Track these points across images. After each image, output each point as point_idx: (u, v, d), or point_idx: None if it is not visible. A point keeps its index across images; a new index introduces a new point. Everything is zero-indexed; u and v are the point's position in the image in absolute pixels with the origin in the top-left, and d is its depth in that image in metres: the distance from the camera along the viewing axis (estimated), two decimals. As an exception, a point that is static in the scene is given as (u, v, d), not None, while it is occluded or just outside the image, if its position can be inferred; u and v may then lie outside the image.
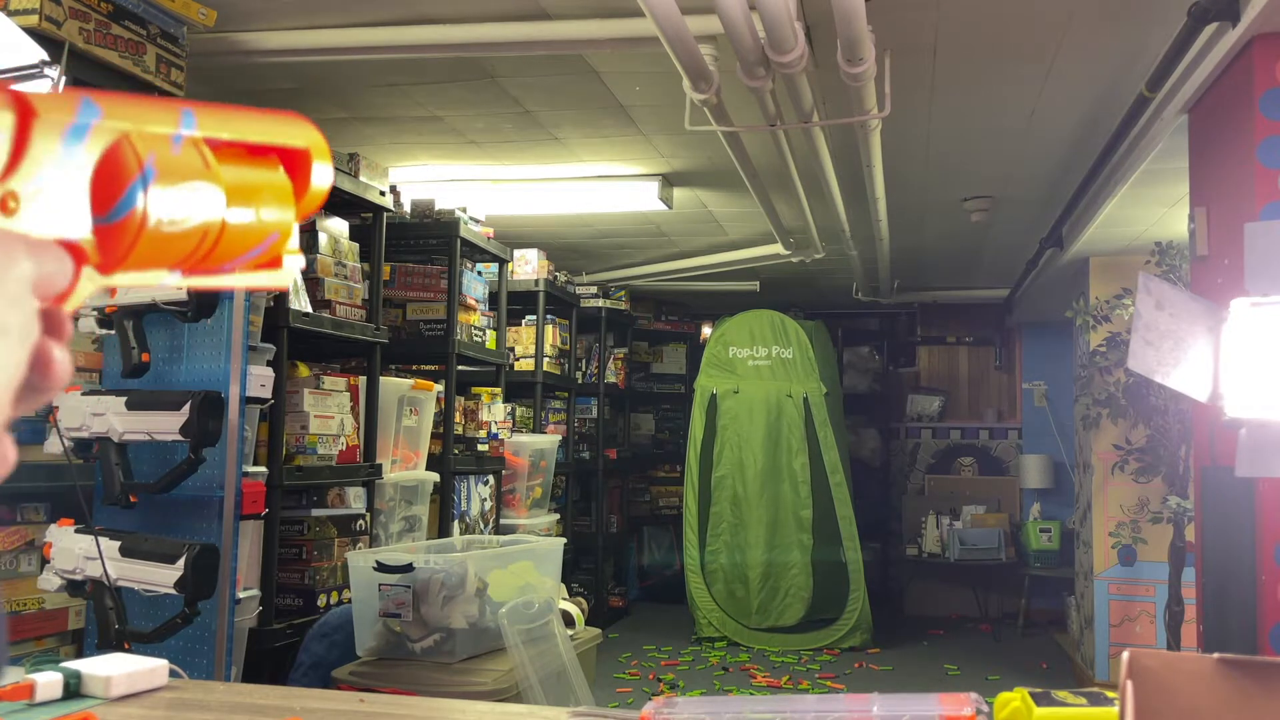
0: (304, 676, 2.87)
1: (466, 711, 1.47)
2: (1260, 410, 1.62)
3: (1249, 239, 1.78)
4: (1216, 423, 2.56)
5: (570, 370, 6.89)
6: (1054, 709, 1.10)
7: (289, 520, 3.44)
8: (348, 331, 3.60)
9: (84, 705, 1.44)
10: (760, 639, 6.64)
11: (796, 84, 3.06)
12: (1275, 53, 2.64)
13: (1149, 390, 5.21)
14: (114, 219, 0.44)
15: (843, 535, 6.63)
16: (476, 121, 4.16)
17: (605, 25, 3.05)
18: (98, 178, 0.44)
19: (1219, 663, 0.93)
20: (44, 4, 2.40)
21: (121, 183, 0.44)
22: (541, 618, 2.75)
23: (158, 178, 0.45)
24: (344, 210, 3.80)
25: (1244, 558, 2.70)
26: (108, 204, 0.44)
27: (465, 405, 4.73)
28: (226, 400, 2.69)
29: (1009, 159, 4.44)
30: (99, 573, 2.45)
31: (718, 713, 1.15)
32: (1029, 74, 3.46)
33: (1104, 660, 5.82)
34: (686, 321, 8.60)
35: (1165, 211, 4.90)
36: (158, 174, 0.45)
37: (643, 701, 2.06)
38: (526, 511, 5.45)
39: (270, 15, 3.15)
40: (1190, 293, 2.09)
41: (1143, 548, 5.81)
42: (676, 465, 8.12)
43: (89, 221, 0.44)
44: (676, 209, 5.28)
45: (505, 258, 5.12)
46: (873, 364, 8.76)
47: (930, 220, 5.62)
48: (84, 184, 0.44)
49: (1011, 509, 8.24)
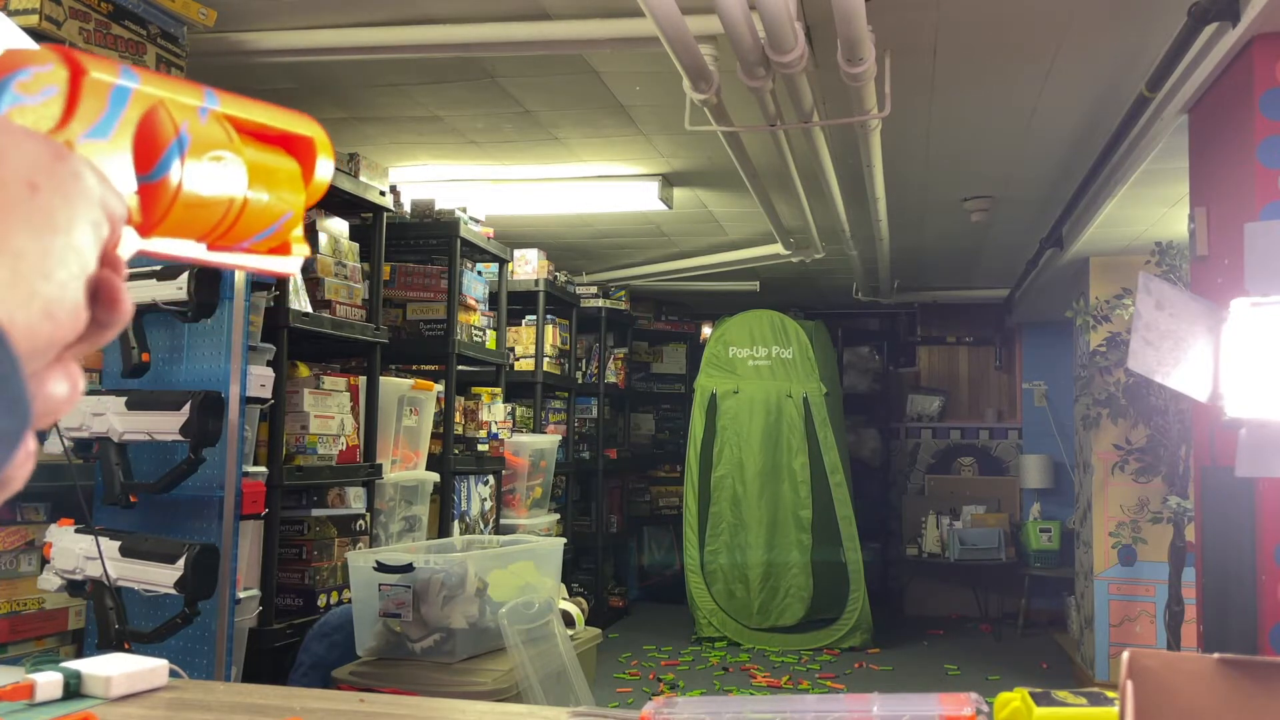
0: (304, 676, 2.87)
1: (466, 711, 1.47)
2: (1260, 410, 1.62)
3: (1249, 239, 1.78)
4: (1216, 423, 2.56)
5: (570, 370, 6.89)
6: (1054, 709, 1.10)
7: (289, 520, 3.44)
8: (348, 331, 3.60)
9: (84, 705, 1.44)
10: (760, 639, 6.64)
11: (796, 84, 3.06)
12: (1275, 53, 2.64)
13: (1149, 390, 5.21)
14: (155, 177, 0.46)
15: (843, 535, 6.63)
16: (476, 121, 4.16)
17: (605, 25, 3.05)
18: (139, 138, 0.45)
19: (1219, 663, 0.93)
20: (44, 4, 2.40)
21: (160, 144, 0.46)
22: (541, 618, 2.75)
23: (190, 144, 0.46)
24: (344, 210, 3.80)
25: (1244, 558, 2.70)
26: (149, 164, 0.46)
27: (465, 405, 4.73)
28: (226, 400, 2.69)
29: (1009, 159, 4.44)
30: (99, 573, 2.45)
31: (718, 713, 1.15)
32: (1029, 74, 3.46)
33: (1104, 660, 5.82)
34: (686, 321, 8.60)
35: (1165, 211, 4.90)
36: (190, 140, 0.46)
37: (643, 701, 2.06)
38: (526, 511, 5.45)
39: (270, 15, 3.15)
40: (1190, 293, 2.09)
41: (1143, 548, 5.81)
42: (676, 465, 8.12)
43: (133, 179, 0.46)
44: (676, 209, 5.28)
45: (505, 258, 5.12)
46: (873, 364, 8.76)
47: (930, 220, 5.62)
48: (128, 143, 0.45)
49: (1011, 509, 8.24)
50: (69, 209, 0.40)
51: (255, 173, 0.49)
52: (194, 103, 0.47)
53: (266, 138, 0.51)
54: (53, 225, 0.39)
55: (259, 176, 0.49)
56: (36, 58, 0.43)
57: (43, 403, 0.40)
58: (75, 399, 0.42)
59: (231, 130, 0.49)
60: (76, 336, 0.41)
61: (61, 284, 0.40)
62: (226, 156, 0.48)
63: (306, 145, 0.52)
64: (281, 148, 0.52)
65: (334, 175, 3.84)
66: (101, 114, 0.44)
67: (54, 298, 0.39)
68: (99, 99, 0.44)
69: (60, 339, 0.40)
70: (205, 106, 0.48)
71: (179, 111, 0.46)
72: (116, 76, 0.45)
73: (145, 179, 0.46)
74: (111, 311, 0.43)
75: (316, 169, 0.53)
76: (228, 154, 0.48)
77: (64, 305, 0.40)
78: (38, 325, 0.39)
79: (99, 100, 0.44)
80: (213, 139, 0.47)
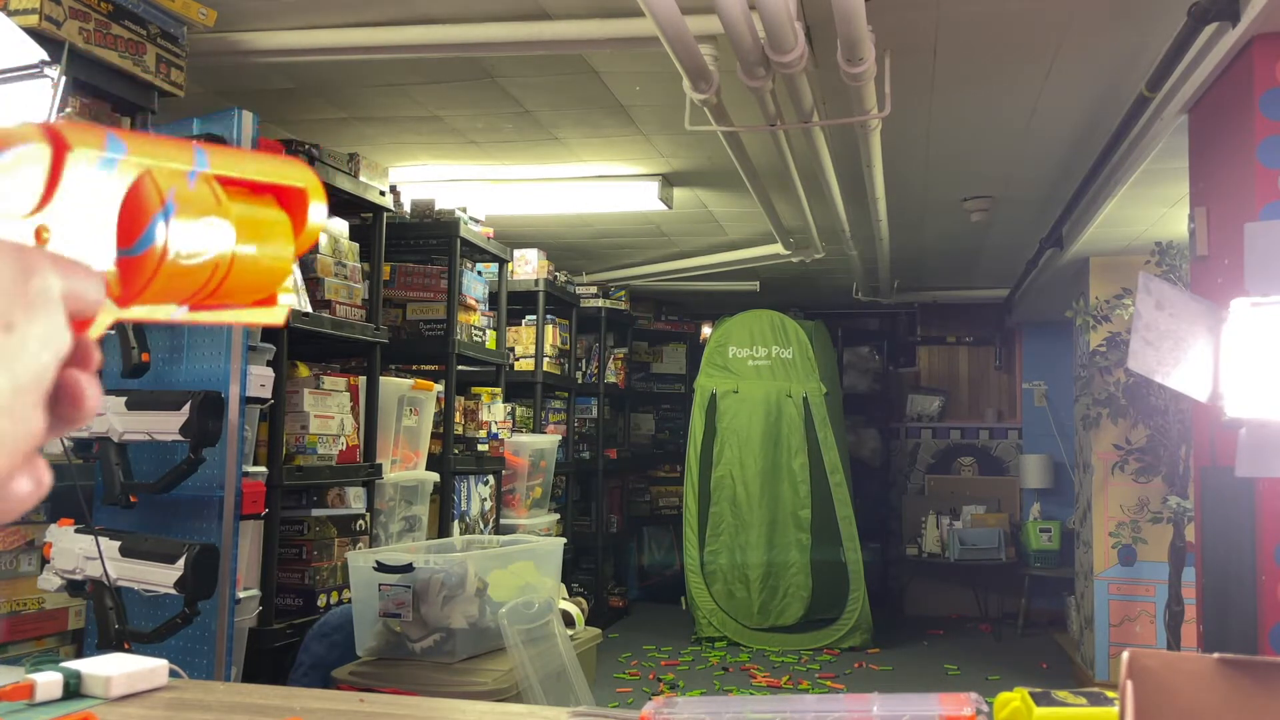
0: (304, 676, 2.87)
1: (466, 711, 1.47)
2: (1260, 410, 1.62)
3: (1249, 239, 1.78)
4: (1216, 423, 2.56)
5: (570, 370, 6.89)
6: (1054, 709, 1.10)
7: (289, 520, 3.44)
8: (348, 331, 3.60)
9: (84, 705, 1.44)
10: (760, 639, 6.64)
11: (796, 84, 3.06)
12: (1275, 53, 2.64)
13: (1149, 390, 5.21)
14: (137, 251, 0.45)
15: (842, 535, 6.63)
16: (476, 121, 4.16)
17: (605, 25, 3.04)
18: (123, 211, 0.45)
19: (1219, 663, 0.93)
20: (44, 4, 2.40)
21: (145, 217, 0.45)
22: (541, 618, 2.75)
23: (176, 212, 0.46)
24: (344, 210, 3.80)
25: (1244, 558, 2.70)
26: (132, 237, 0.45)
27: (465, 405, 4.73)
28: (226, 400, 2.69)
29: (1009, 159, 4.44)
30: (99, 573, 2.45)
31: (718, 713, 1.15)
32: (1029, 74, 3.46)
33: (1104, 660, 5.82)
34: (686, 321, 8.61)
35: (1165, 211, 4.90)
36: (176, 209, 0.46)
37: (643, 701, 2.06)
38: (526, 511, 5.45)
39: (270, 15, 3.15)
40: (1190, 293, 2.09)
41: (1143, 548, 5.81)
42: (676, 465, 8.12)
43: (113, 253, 0.45)
44: (676, 209, 5.28)
45: (505, 258, 5.12)
46: (873, 364, 8.76)
47: (930, 220, 5.62)
48: (111, 217, 0.45)
49: (1011, 509, 8.24)
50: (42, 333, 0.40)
51: (243, 231, 0.48)
52: (183, 166, 0.46)
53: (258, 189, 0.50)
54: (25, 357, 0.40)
55: (247, 234, 0.48)
56: (17, 136, 0.42)
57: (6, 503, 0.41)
58: (41, 494, 0.42)
59: (220, 191, 0.48)
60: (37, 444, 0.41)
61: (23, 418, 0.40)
62: (214, 222, 0.47)
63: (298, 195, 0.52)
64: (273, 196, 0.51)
65: (334, 175, 3.82)
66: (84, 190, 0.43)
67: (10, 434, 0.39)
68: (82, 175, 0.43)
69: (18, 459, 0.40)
70: (194, 170, 0.47)
71: (166, 179, 0.46)
72: (102, 149, 0.44)
73: (127, 253, 0.45)
74: (75, 409, 0.43)
75: (309, 216, 0.52)
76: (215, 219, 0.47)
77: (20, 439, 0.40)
78: None
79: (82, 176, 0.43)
80: (201, 203, 0.47)
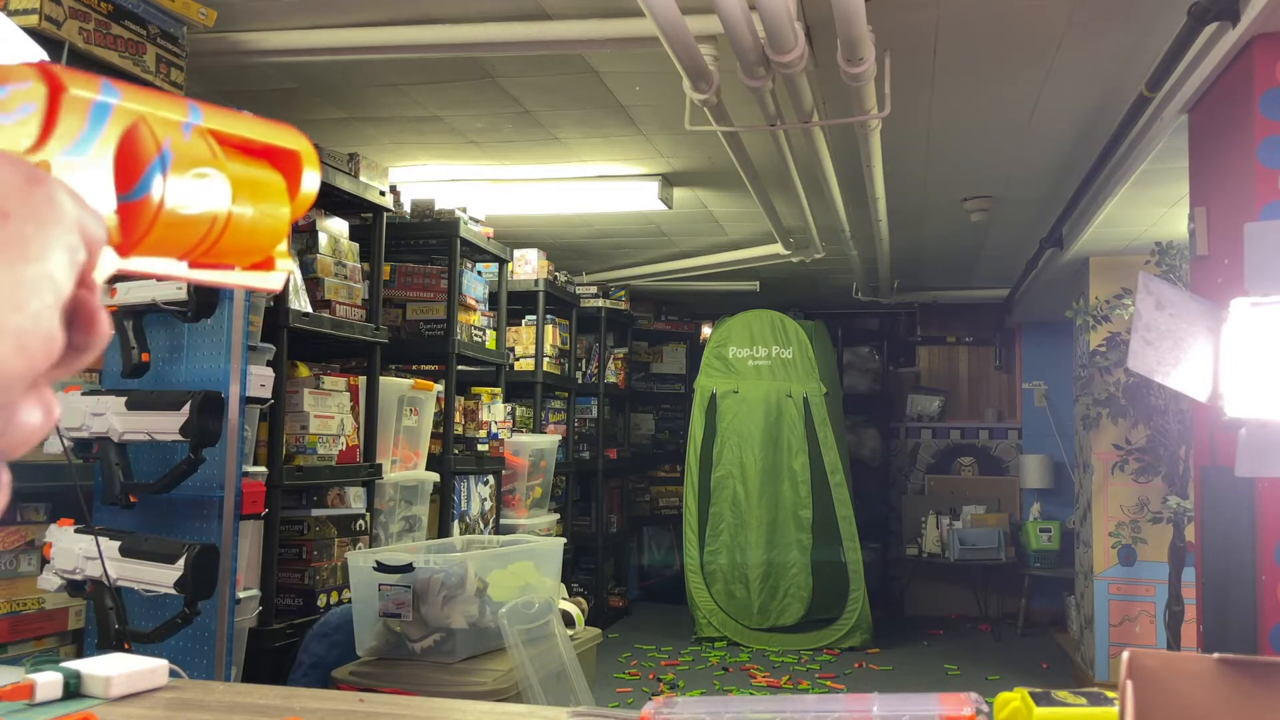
0: (304, 676, 2.87)
1: (467, 711, 1.47)
2: (1260, 410, 1.62)
3: (1249, 239, 1.78)
4: (1216, 423, 2.56)
5: (570, 370, 6.89)
6: (1054, 709, 1.10)
7: (289, 520, 3.44)
8: (348, 331, 3.60)
9: (84, 705, 1.44)
10: (760, 639, 6.64)
11: (796, 84, 3.06)
12: (1275, 53, 2.64)
13: (1149, 390, 5.21)
14: (135, 197, 0.45)
15: (842, 535, 6.63)
16: (476, 121, 4.16)
17: (605, 25, 3.05)
18: (120, 156, 0.44)
19: (1219, 663, 0.93)
20: (44, 4, 2.40)
21: (141, 162, 0.45)
22: (541, 618, 2.75)
23: (173, 161, 0.45)
24: (344, 210, 3.80)
25: (1244, 558, 2.70)
26: (129, 182, 0.45)
27: (465, 405, 4.73)
28: (226, 400, 2.69)
29: (1009, 159, 4.44)
30: (99, 573, 2.45)
31: (718, 713, 1.15)
32: (1029, 74, 3.46)
33: (1104, 660, 5.82)
34: (686, 321, 8.61)
35: (1165, 211, 4.90)
36: (173, 158, 0.45)
37: (643, 701, 2.06)
38: (526, 511, 5.45)
39: (270, 15, 3.15)
40: (1190, 293, 2.09)
41: (1143, 548, 5.81)
42: (676, 465, 8.12)
43: (113, 198, 0.45)
44: (676, 209, 5.28)
45: (505, 258, 5.12)
46: (873, 364, 8.76)
47: (930, 220, 5.62)
48: (108, 161, 0.44)
49: (1011, 509, 8.24)
50: (43, 236, 0.39)
51: (239, 188, 0.48)
52: (177, 118, 0.46)
53: (252, 151, 0.50)
54: (25, 254, 0.39)
55: (243, 192, 0.48)
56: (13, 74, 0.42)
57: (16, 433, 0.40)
58: (50, 426, 0.41)
59: (215, 145, 0.48)
60: (52, 364, 0.40)
61: (35, 315, 0.39)
62: (210, 173, 0.47)
63: (292, 158, 0.51)
64: (267, 161, 0.51)
65: (334, 175, 3.82)
66: (81, 131, 0.43)
67: (26, 329, 0.38)
68: (78, 116, 0.43)
69: (34, 370, 0.39)
70: (189, 122, 0.47)
71: (161, 128, 0.45)
72: (97, 92, 0.43)
73: (126, 198, 0.45)
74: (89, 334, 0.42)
75: (303, 182, 0.51)
76: (211, 170, 0.47)
77: (37, 336, 0.39)
78: (10, 359, 0.38)
79: (78, 117, 0.43)
80: (196, 155, 0.46)
